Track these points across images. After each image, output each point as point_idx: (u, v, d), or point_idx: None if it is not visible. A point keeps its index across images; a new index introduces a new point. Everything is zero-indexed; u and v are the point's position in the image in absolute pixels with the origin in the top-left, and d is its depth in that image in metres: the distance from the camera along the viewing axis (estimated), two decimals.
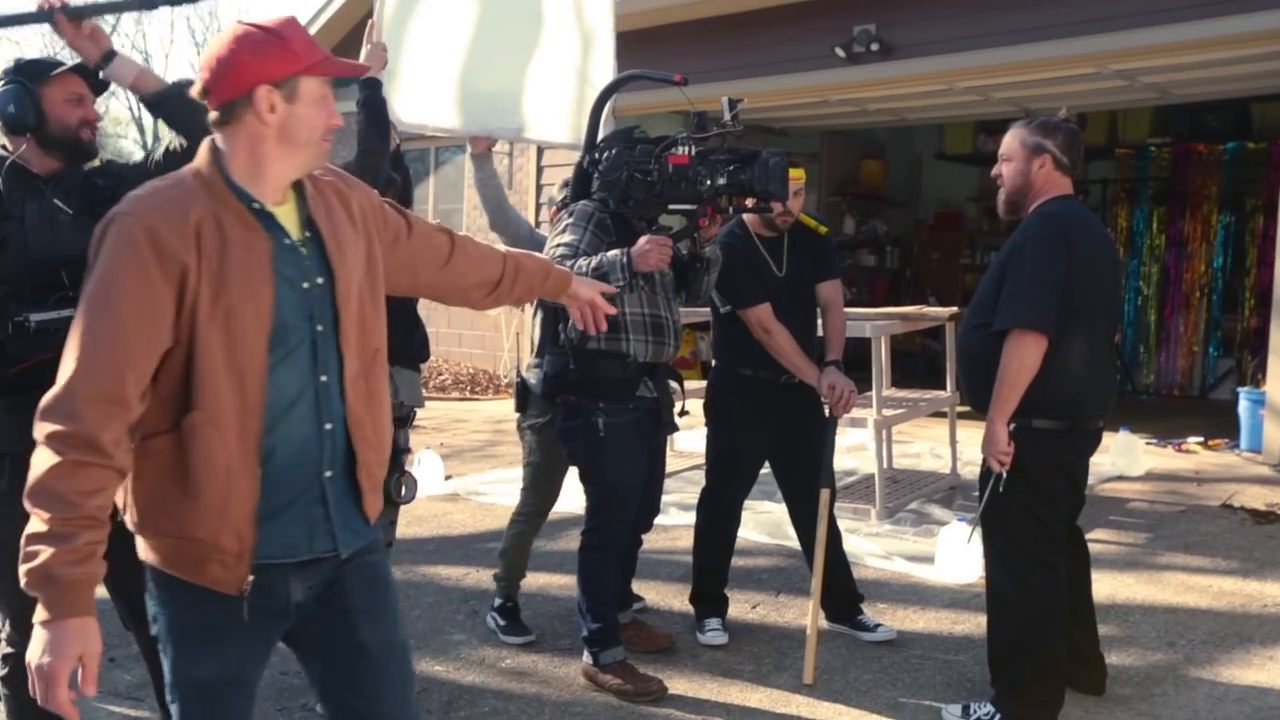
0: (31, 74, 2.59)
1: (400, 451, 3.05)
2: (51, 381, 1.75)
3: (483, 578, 4.68)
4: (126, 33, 36.46)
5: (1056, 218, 3.11)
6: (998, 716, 3.17)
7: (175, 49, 43.83)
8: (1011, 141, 3.23)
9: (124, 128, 32.84)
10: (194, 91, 1.91)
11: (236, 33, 1.83)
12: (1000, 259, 3.18)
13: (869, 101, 9.53)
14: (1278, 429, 6.83)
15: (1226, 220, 10.38)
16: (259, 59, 1.81)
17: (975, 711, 3.22)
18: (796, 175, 3.75)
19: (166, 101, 2.60)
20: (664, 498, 3.88)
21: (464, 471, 6.83)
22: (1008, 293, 3.07)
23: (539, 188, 10.30)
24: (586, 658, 3.54)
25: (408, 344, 3.07)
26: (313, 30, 12.74)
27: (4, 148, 2.64)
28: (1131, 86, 8.53)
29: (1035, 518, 3.15)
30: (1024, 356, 3.02)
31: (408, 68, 3.71)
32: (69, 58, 2.84)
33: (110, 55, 2.58)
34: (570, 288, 2.43)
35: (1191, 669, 3.64)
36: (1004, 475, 3.10)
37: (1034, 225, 3.13)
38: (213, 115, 1.86)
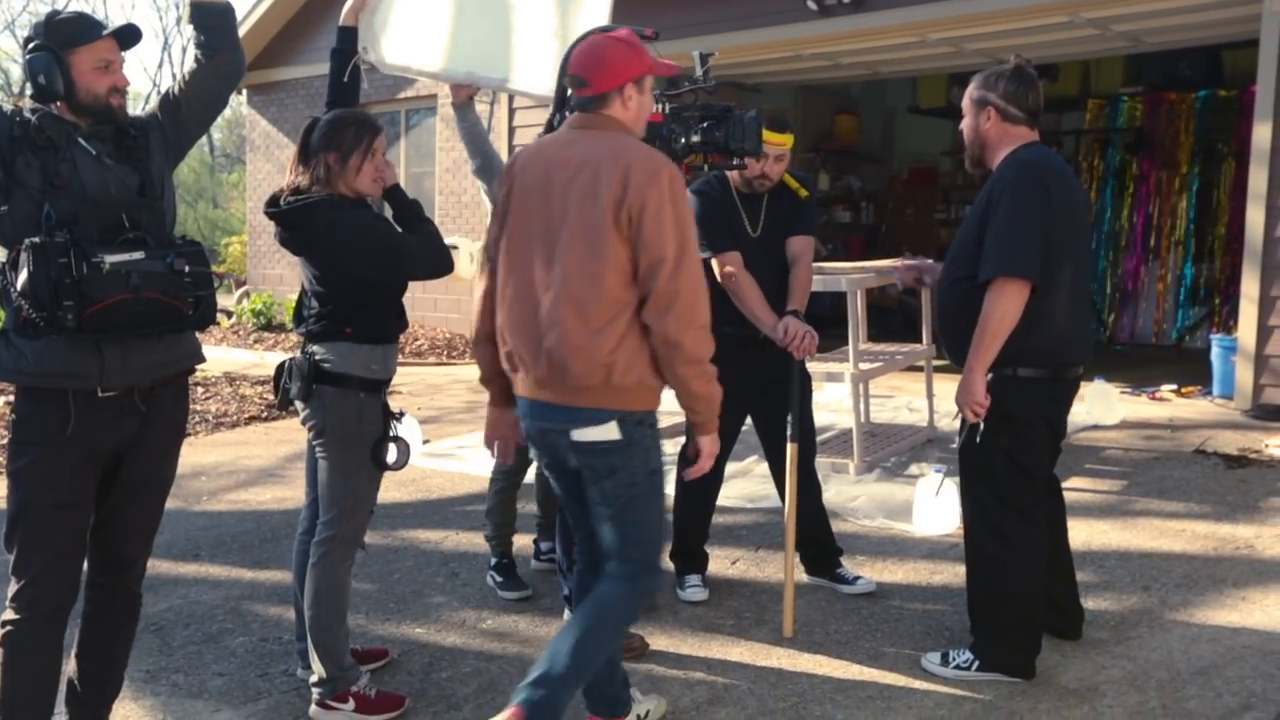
0: (61, 39, 2.55)
1: (389, 416, 3.04)
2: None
3: (462, 540, 4.68)
4: None
5: (1033, 165, 3.09)
6: (976, 664, 3.20)
7: (135, 14, 43.08)
8: (964, 98, 3.24)
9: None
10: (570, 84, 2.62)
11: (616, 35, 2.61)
12: (977, 209, 3.15)
13: (841, 55, 9.46)
14: (1249, 375, 6.89)
15: (1199, 169, 10.41)
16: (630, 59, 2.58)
17: (954, 659, 3.25)
18: (781, 140, 3.69)
19: (220, 16, 2.76)
20: None
21: (442, 435, 6.81)
22: (990, 242, 3.04)
23: (510, 147, 10.20)
24: (567, 615, 3.54)
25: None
26: (260, 9, 12.50)
27: (20, 105, 2.61)
28: (1104, 35, 8.50)
29: (1020, 468, 3.15)
30: (1007, 305, 3.01)
31: (397, 9, 3.65)
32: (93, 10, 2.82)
33: None
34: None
35: (1166, 612, 3.69)
36: (981, 426, 3.11)
37: (1010, 173, 3.10)
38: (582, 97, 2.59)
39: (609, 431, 2.50)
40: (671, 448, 4.71)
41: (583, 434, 2.51)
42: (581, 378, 2.47)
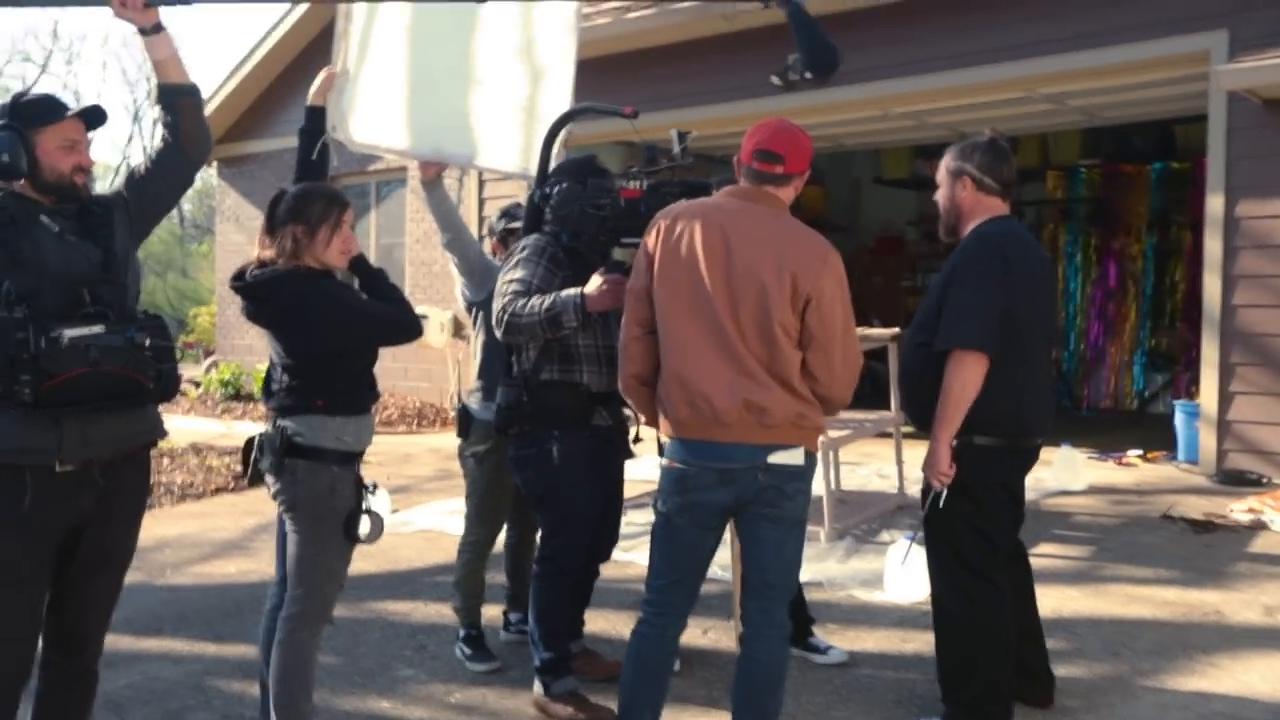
0: (26, 119, 2.58)
1: (361, 487, 3.01)
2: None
3: (431, 612, 4.61)
4: (58, 73, 35.86)
5: (994, 238, 3.16)
6: None
7: (107, 88, 43.35)
8: (940, 167, 3.33)
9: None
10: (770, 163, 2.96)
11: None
12: (941, 279, 3.23)
13: (806, 128, 9.60)
14: (1213, 440, 6.97)
15: (1155, 238, 10.66)
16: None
17: None
18: None
19: (186, 96, 2.77)
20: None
21: (411, 504, 6.75)
22: (948, 312, 3.11)
23: (481, 219, 10.28)
24: (537, 688, 3.50)
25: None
26: (266, 47, 12.55)
27: None
28: (1060, 109, 8.75)
29: (981, 535, 3.18)
30: (966, 376, 3.06)
31: (365, 88, 3.69)
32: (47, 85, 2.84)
33: (158, 28, 2.71)
34: None
35: (1137, 679, 3.69)
36: (944, 492, 3.14)
37: (972, 245, 3.18)
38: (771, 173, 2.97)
39: (797, 457, 2.81)
40: (640, 517, 4.71)
41: (777, 457, 2.80)
42: (777, 419, 2.77)
